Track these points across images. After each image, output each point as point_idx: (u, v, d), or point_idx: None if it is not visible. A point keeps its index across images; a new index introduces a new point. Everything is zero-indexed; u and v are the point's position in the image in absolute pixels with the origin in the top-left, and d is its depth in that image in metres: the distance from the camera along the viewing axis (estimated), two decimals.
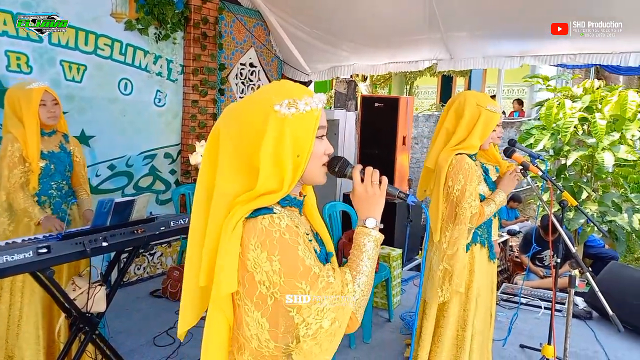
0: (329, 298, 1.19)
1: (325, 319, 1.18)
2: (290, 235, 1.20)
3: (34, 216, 2.88)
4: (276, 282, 1.17)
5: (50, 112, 2.96)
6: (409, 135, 6.40)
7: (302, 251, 1.20)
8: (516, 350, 4.00)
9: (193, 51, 5.36)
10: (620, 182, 5.86)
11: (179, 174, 5.55)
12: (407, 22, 5.30)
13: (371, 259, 1.30)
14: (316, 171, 1.31)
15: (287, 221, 1.21)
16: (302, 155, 1.24)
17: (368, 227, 1.32)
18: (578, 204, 3.15)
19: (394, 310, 4.58)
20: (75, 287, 2.68)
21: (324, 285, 1.19)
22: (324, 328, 1.19)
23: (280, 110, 1.21)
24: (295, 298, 1.18)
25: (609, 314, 2.43)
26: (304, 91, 1.27)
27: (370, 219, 1.32)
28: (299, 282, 1.17)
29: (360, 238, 1.31)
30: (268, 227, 1.18)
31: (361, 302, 1.27)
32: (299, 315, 1.18)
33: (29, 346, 2.95)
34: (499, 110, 2.77)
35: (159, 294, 4.75)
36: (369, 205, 1.33)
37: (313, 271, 1.19)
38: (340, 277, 1.24)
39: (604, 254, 6.56)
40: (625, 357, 3.95)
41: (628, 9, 4.14)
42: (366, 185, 1.32)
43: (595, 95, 5.57)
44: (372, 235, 1.31)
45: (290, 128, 1.21)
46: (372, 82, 14.95)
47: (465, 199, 2.69)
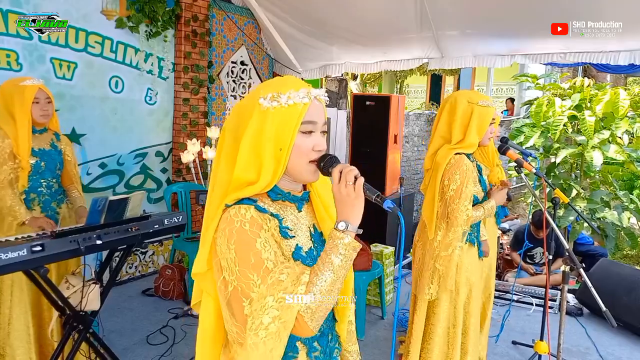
0: (274, 295, 1.16)
1: (266, 316, 1.15)
2: (251, 227, 1.20)
3: (19, 215, 2.84)
4: (233, 270, 1.18)
5: (43, 110, 2.93)
6: (401, 134, 6.41)
7: (261, 244, 1.19)
8: (508, 347, 4.03)
9: (184, 49, 5.34)
10: (609, 180, 5.91)
11: (170, 173, 5.52)
12: (398, 21, 5.31)
13: (335, 264, 1.21)
14: (302, 167, 1.29)
15: (253, 213, 1.22)
16: (284, 149, 1.24)
17: (339, 230, 1.23)
18: (570, 201, 3.17)
19: (387, 307, 4.59)
20: (69, 285, 2.67)
21: (273, 282, 1.17)
22: (263, 324, 1.15)
23: (263, 103, 1.24)
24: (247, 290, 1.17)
25: (602, 310, 2.44)
26: (291, 85, 1.27)
27: (342, 222, 1.24)
28: (251, 273, 1.17)
29: (329, 241, 1.24)
30: (232, 217, 1.21)
31: (317, 307, 1.19)
32: (249, 306, 1.17)
33: (20, 344, 2.93)
34: (491, 104, 2.78)
35: (151, 293, 4.73)
36: (344, 207, 1.25)
37: (265, 265, 1.18)
38: (295, 276, 1.20)
39: (593, 251, 6.62)
40: (617, 353, 3.99)
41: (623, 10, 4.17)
42: (340, 185, 1.25)
43: (585, 93, 5.61)
44: (340, 239, 1.22)
45: (271, 121, 1.24)
46: (363, 81, 14.96)
47: (461, 200, 2.69)
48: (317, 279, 1.20)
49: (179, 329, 4.01)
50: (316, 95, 1.29)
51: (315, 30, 6.00)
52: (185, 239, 4.85)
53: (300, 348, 1.32)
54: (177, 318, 4.21)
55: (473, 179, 2.77)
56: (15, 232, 2.81)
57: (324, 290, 1.20)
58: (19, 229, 2.84)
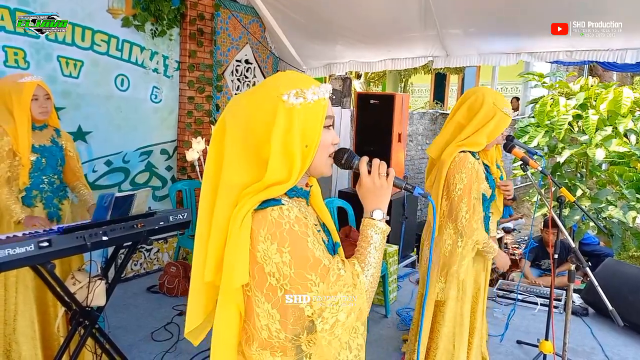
0: (342, 290, 1.19)
1: (341, 312, 1.19)
2: (299, 226, 1.19)
3: (14, 214, 2.82)
4: (286, 274, 1.17)
5: (42, 107, 2.92)
6: (405, 132, 6.41)
7: (312, 243, 1.19)
8: (513, 346, 4.02)
9: (189, 47, 5.35)
10: (615, 179, 5.89)
11: (175, 171, 5.53)
12: (402, 20, 5.30)
13: (378, 250, 1.30)
14: (323, 162, 1.31)
15: (296, 212, 1.21)
16: (310, 146, 1.24)
17: (375, 219, 1.31)
18: (576, 200, 3.17)
19: (391, 306, 4.59)
20: (75, 281, 2.67)
21: (335, 278, 1.19)
22: (340, 321, 1.19)
23: (288, 100, 1.21)
24: (304, 291, 1.17)
25: (609, 309, 2.43)
26: (310, 81, 1.28)
27: (377, 211, 1.31)
28: (309, 274, 1.17)
29: (367, 230, 1.31)
30: (277, 219, 1.18)
31: (370, 293, 1.27)
32: (309, 307, 1.18)
33: (25, 340, 2.94)
34: (511, 114, 2.76)
35: (155, 290, 4.75)
36: (376, 197, 1.32)
37: (323, 263, 1.19)
38: (350, 269, 1.24)
39: (598, 251, 6.62)
40: (622, 353, 3.98)
41: (627, 9, 4.16)
42: (373, 177, 1.31)
43: (590, 92, 5.59)
44: (378, 226, 1.31)
45: (298, 118, 1.21)
46: (367, 80, 14.96)
47: (470, 199, 2.67)
48: (367, 265, 1.28)
49: (183, 325, 4.01)
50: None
51: (319, 29, 5.99)
52: (190, 236, 4.86)
53: None
54: (181, 315, 4.22)
55: (479, 176, 2.75)
56: (13, 230, 2.80)
57: (374, 275, 1.29)
58: (17, 227, 2.82)
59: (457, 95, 18.52)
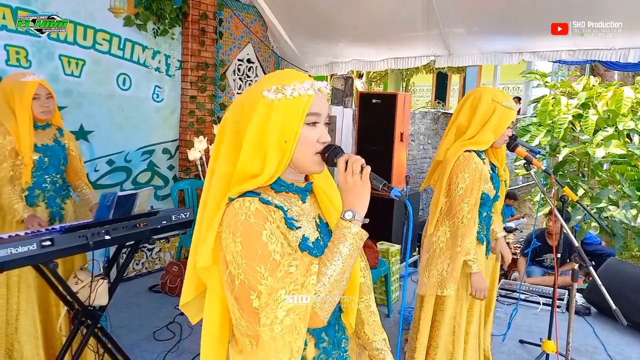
0: (286, 288, 1.15)
1: (280, 309, 1.14)
2: (256, 219, 1.19)
3: (16, 213, 2.80)
4: (239, 264, 1.18)
5: (43, 106, 2.89)
6: (407, 132, 6.40)
7: (267, 236, 1.18)
8: (515, 346, 4.01)
9: (191, 47, 5.35)
10: (616, 179, 5.89)
11: (177, 170, 5.53)
12: (405, 19, 5.30)
13: (344, 254, 1.21)
14: (307, 158, 1.30)
15: (258, 205, 1.21)
16: (289, 141, 1.24)
17: (345, 220, 1.24)
18: (578, 199, 3.16)
19: (393, 305, 4.59)
20: (78, 280, 2.67)
21: (283, 275, 1.16)
22: (278, 318, 1.14)
23: (267, 95, 1.24)
24: (254, 283, 1.16)
25: (612, 308, 2.41)
26: (295, 77, 1.27)
27: (348, 212, 1.24)
28: (258, 266, 1.16)
29: (336, 230, 1.25)
30: (237, 209, 1.20)
31: (326, 298, 1.19)
32: (257, 299, 1.17)
33: (28, 339, 2.94)
34: (514, 107, 2.75)
35: (157, 289, 4.75)
36: (350, 197, 1.26)
37: (273, 257, 1.17)
38: (305, 268, 1.18)
39: (600, 251, 6.58)
40: (625, 353, 3.97)
41: (627, 9, 4.16)
42: (347, 175, 1.25)
43: (592, 92, 5.59)
44: (348, 228, 1.23)
45: (276, 113, 1.23)
46: (368, 79, 14.95)
47: (471, 199, 2.67)
48: (327, 269, 1.19)
49: (186, 325, 4.02)
50: (319, 87, 1.30)
51: (321, 28, 5.99)
52: (192, 235, 4.85)
53: (308, 339, 1.31)
54: (183, 314, 4.20)
55: (484, 176, 2.74)
56: (15, 229, 2.79)
57: (333, 280, 1.19)
58: (19, 226, 2.81)
59: (458, 94, 18.50)
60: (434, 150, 10.67)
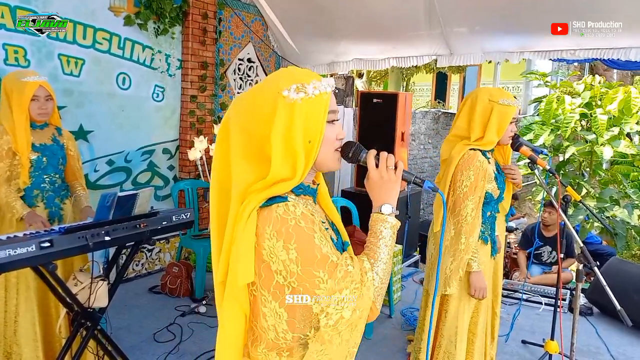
0: (349, 287, 1.15)
1: (346, 309, 1.15)
2: (306, 223, 1.17)
3: (15, 212, 2.78)
4: (293, 272, 1.15)
5: (41, 108, 2.86)
6: (408, 132, 6.37)
7: (319, 239, 1.17)
8: (518, 346, 3.99)
9: (191, 46, 5.32)
10: (618, 179, 5.87)
11: (177, 170, 5.50)
12: (407, 18, 5.27)
13: (388, 246, 1.27)
14: (329, 157, 1.28)
15: (303, 209, 1.19)
16: (313, 141, 1.21)
17: (384, 214, 1.28)
18: (582, 199, 3.14)
19: (395, 306, 4.56)
20: (77, 282, 2.65)
21: (343, 275, 1.16)
22: (344, 318, 1.16)
23: (288, 95, 1.19)
24: (312, 288, 1.15)
25: (617, 309, 2.40)
26: (311, 75, 1.25)
27: (386, 205, 1.29)
28: (317, 270, 1.14)
29: (376, 225, 1.28)
30: (283, 215, 1.15)
31: (380, 290, 1.24)
32: (317, 304, 1.15)
33: (27, 342, 2.91)
34: (514, 102, 2.73)
35: (157, 290, 4.72)
36: (385, 191, 1.29)
37: (331, 259, 1.16)
38: (359, 265, 1.21)
39: (601, 251, 6.58)
40: (628, 353, 3.96)
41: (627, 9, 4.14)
42: (381, 171, 1.29)
43: (595, 91, 5.57)
44: (388, 221, 1.28)
45: (299, 113, 1.19)
46: (369, 79, 14.92)
47: (474, 197, 2.65)
48: (376, 263, 1.24)
49: (186, 326, 3.99)
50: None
51: (322, 26, 5.96)
52: (192, 236, 4.84)
53: None
54: (184, 316, 4.19)
55: (488, 175, 2.73)
56: (15, 228, 2.78)
57: (383, 272, 1.24)
58: (19, 225, 2.79)
59: (458, 94, 18.47)
60: (434, 149, 10.65)
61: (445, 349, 2.87)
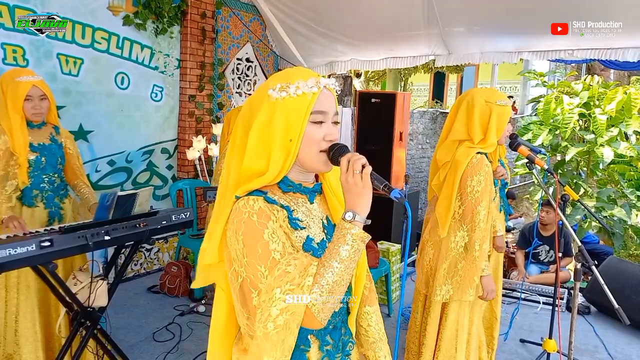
0: (281, 287, 1.14)
1: (274, 307, 1.13)
2: (259, 218, 1.19)
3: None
4: (242, 262, 1.18)
5: (35, 108, 2.84)
6: (406, 131, 6.38)
7: (268, 235, 1.18)
8: (517, 345, 4.01)
9: (190, 45, 5.32)
10: (616, 178, 5.89)
11: (175, 170, 5.51)
12: (405, 18, 5.28)
13: (344, 257, 1.18)
14: (313, 157, 1.28)
15: (262, 204, 1.21)
16: (293, 140, 1.23)
17: (346, 220, 1.20)
18: (580, 198, 3.15)
19: (393, 305, 4.57)
20: (77, 281, 2.64)
21: (280, 274, 1.15)
22: (272, 316, 1.13)
23: (272, 94, 1.24)
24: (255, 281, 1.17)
25: (615, 307, 2.41)
26: (300, 75, 1.27)
27: (349, 212, 1.20)
28: (259, 265, 1.16)
29: (336, 232, 1.21)
30: (241, 208, 1.21)
31: (323, 300, 1.16)
32: (257, 297, 1.17)
33: (27, 342, 2.89)
34: (509, 102, 2.74)
35: (156, 290, 4.72)
36: (351, 196, 1.21)
37: (273, 256, 1.17)
38: (303, 267, 1.17)
39: (598, 250, 6.58)
40: (625, 352, 3.97)
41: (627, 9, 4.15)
42: (348, 175, 1.20)
43: (593, 91, 5.58)
44: (348, 229, 1.19)
45: (280, 111, 1.23)
46: (367, 79, 14.93)
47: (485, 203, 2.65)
48: (325, 270, 1.16)
49: (185, 325, 4.00)
50: (326, 85, 1.28)
51: (321, 26, 5.97)
52: (191, 235, 4.84)
53: (312, 341, 1.30)
54: (183, 315, 4.19)
55: (491, 180, 2.73)
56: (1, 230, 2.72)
57: (332, 281, 1.16)
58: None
59: (456, 93, 18.50)
60: (432, 149, 10.64)
61: (445, 351, 2.87)
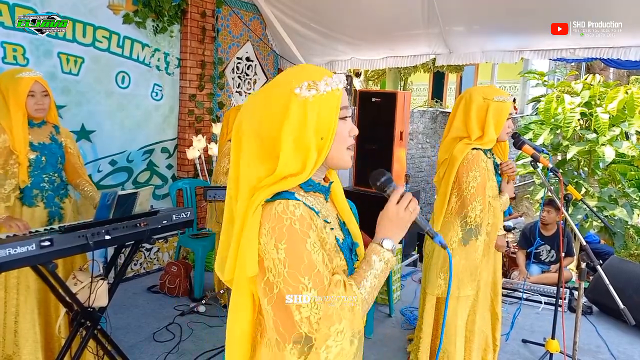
0: (339, 299, 1.15)
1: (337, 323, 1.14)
2: (301, 225, 1.15)
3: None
4: (280, 272, 1.14)
5: (38, 104, 2.83)
6: (406, 131, 6.36)
7: (311, 245, 1.15)
8: (519, 345, 3.99)
9: (190, 44, 5.30)
10: (617, 178, 5.88)
11: (175, 169, 5.49)
12: (405, 17, 5.27)
13: (377, 277, 1.25)
14: (341, 154, 1.28)
15: (302, 211, 1.17)
16: (325, 138, 1.21)
17: (383, 247, 1.27)
18: (583, 198, 3.14)
19: (394, 305, 4.55)
20: (77, 281, 2.63)
21: (329, 284, 1.15)
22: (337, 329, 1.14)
23: (300, 93, 1.19)
24: (295, 297, 1.13)
25: (620, 308, 2.41)
26: (323, 72, 1.24)
27: (387, 240, 1.28)
28: (302, 276, 1.13)
29: (371, 254, 1.26)
30: (280, 214, 1.15)
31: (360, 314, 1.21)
32: (297, 312, 1.13)
33: (27, 343, 2.87)
34: (508, 98, 2.73)
35: (156, 290, 4.70)
36: (394, 228, 1.29)
37: (318, 269, 1.14)
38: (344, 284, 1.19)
39: (599, 250, 6.58)
40: (628, 352, 3.96)
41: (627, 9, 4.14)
42: (399, 208, 1.29)
43: (594, 90, 5.57)
44: (383, 254, 1.27)
45: (312, 110, 1.19)
46: (366, 78, 14.92)
47: (482, 198, 2.66)
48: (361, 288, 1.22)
49: (185, 326, 3.98)
50: (341, 80, 1.28)
51: (321, 26, 5.95)
52: (191, 235, 4.82)
53: None
54: (183, 315, 4.17)
55: (490, 175, 2.73)
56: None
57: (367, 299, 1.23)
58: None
59: (455, 93, 18.49)
60: (432, 149, 10.65)
61: (444, 348, 2.87)
